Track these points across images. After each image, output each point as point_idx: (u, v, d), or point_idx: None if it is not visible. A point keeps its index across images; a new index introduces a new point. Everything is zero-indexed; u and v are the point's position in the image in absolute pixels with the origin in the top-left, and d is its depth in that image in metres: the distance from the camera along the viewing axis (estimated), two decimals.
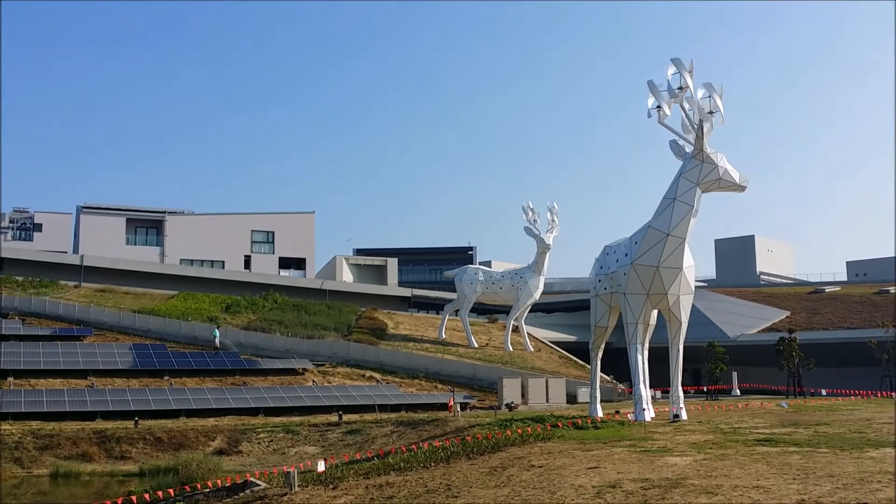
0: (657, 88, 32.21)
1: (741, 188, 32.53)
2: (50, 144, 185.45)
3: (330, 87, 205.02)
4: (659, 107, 32.35)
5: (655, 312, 34.23)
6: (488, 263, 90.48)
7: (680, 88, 31.67)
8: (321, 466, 24.56)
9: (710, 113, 31.84)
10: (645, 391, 32.64)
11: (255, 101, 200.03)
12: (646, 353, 33.79)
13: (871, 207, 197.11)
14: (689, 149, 32.40)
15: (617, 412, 35.30)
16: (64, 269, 69.20)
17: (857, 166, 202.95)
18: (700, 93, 31.76)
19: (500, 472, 20.08)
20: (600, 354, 37.45)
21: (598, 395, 37.22)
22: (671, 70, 31.70)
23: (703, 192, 31.89)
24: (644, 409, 31.45)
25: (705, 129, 31.42)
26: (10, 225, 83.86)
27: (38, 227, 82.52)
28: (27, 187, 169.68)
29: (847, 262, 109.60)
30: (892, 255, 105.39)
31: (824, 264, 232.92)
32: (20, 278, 66.31)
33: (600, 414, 35.07)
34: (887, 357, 52.42)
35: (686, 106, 31.85)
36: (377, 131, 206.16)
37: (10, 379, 45.82)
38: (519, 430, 27.20)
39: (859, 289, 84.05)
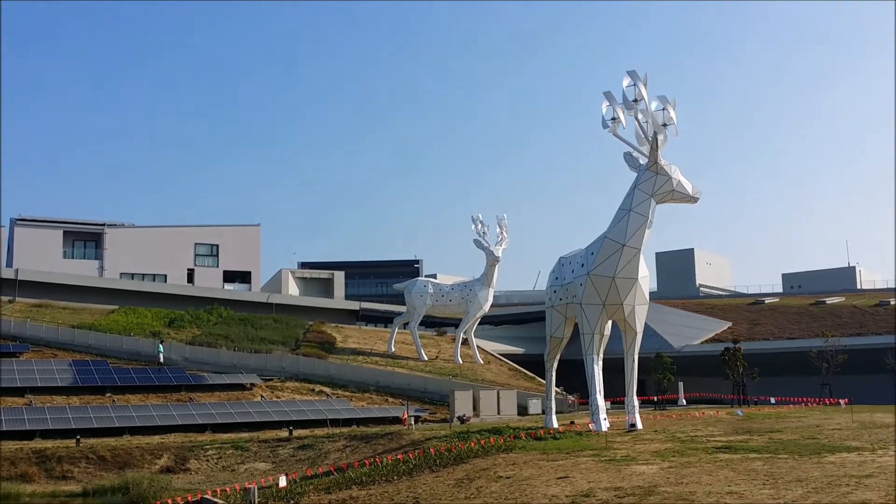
0: (614, 98, 32.60)
1: (694, 199, 33.04)
2: None
3: (275, 97, 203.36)
4: (614, 118, 32.78)
5: (610, 323, 34.47)
6: (434, 276, 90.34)
7: (635, 100, 32.10)
8: (283, 482, 24.01)
9: (664, 125, 32.33)
10: (602, 401, 32.77)
11: (197, 109, 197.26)
12: (601, 363, 33.94)
13: (806, 219, 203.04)
14: (643, 160, 32.81)
15: (572, 423, 35.42)
16: None
17: (792, 178, 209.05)
18: (654, 105, 32.21)
19: (468, 483, 19.87)
20: (555, 365, 37.52)
21: (554, 405, 37.24)
22: (626, 81, 32.10)
23: (657, 203, 32.30)
24: (602, 419, 31.57)
25: (659, 141, 31.84)
26: None
27: None
28: None
29: (783, 275, 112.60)
30: (826, 267, 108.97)
31: (760, 276, 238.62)
32: None
33: (556, 425, 35.11)
34: (827, 366, 53.80)
35: (640, 118, 32.27)
36: (322, 143, 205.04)
37: None
38: (482, 442, 27.02)
39: (797, 300, 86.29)
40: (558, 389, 53.90)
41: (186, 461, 39.10)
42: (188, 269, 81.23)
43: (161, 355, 54.12)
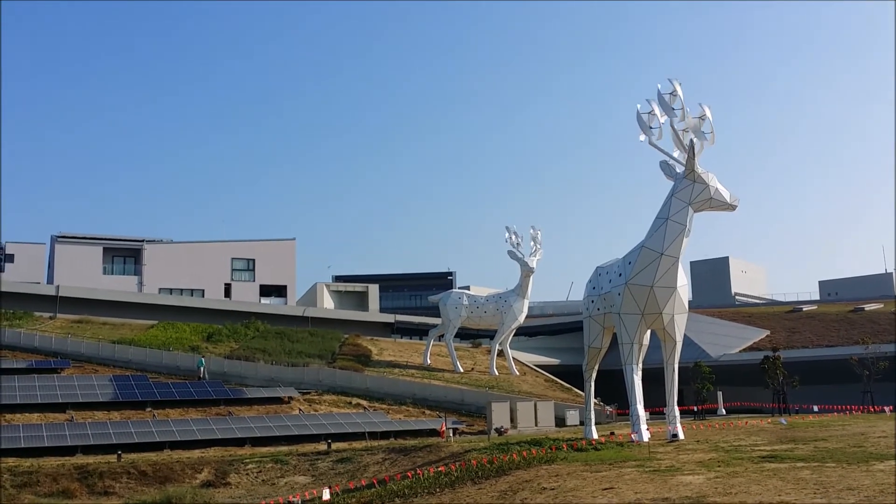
0: (649, 109, 32.50)
1: (732, 207, 32.76)
2: (22, 174, 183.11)
3: (308, 111, 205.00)
4: (650, 127, 32.66)
5: (649, 333, 34.21)
6: (467, 288, 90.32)
7: (671, 109, 31.97)
8: (326, 495, 24.07)
9: (701, 133, 32.14)
10: (643, 411, 32.49)
11: (232, 125, 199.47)
12: (640, 373, 33.67)
13: (842, 226, 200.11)
14: (679, 169, 32.61)
15: (612, 433, 35.14)
16: (38, 300, 67.68)
17: (827, 185, 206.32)
18: (690, 113, 32.05)
19: (512, 495, 19.77)
20: (594, 376, 37.28)
21: (594, 416, 36.98)
22: (661, 90, 31.99)
23: (694, 211, 32.07)
24: (644, 430, 31.30)
25: (696, 149, 31.62)
26: None
27: (10, 258, 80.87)
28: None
29: (819, 282, 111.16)
30: (863, 273, 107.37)
31: (796, 284, 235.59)
32: None
33: (596, 436, 34.82)
34: (868, 373, 52.95)
35: (676, 126, 32.10)
36: (355, 157, 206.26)
37: None
38: (524, 454, 26.87)
39: (835, 307, 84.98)
40: (596, 400, 53.59)
41: (227, 475, 39.27)
42: (225, 284, 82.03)
43: (202, 370, 54.69)
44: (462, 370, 62.44)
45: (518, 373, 63.68)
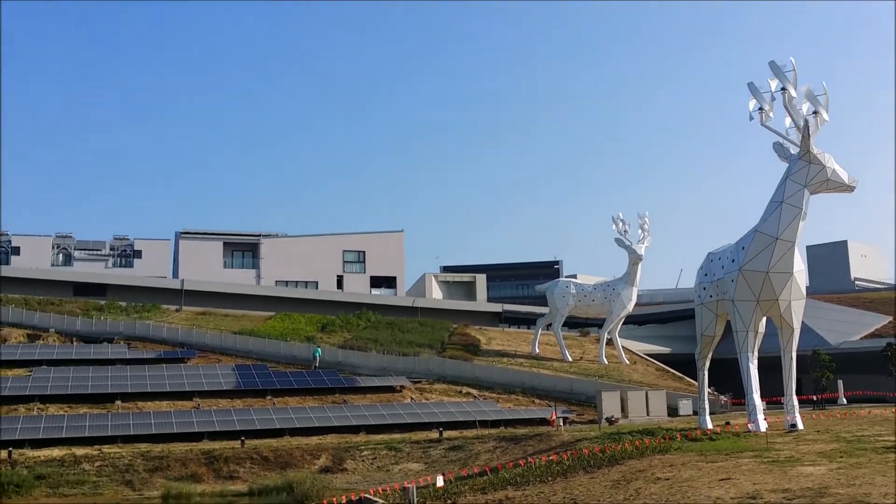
0: (758, 90, 31.67)
1: (850, 188, 31.59)
2: (146, 173, 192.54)
3: (416, 105, 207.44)
4: (761, 108, 31.80)
5: (765, 320, 33.36)
6: (574, 277, 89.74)
7: (783, 89, 31.05)
8: (440, 482, 24.62)
9: (815, 112, 31.09)
10: (759, 401, 31.77)
11: (340, 119, 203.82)
12: (756, 361, 32.88)
13: None
14: (794, 150, 31.64)
15: (727, 423, 34.45)
16: (165, 294, 71.50)
17: None
18: (804, 92, 31.04)
19: (625, 485, 19.78)
20: (707, 364, 36.62)
21: (708, 406, 36.35)
22: (774, 69, 31.10)
23: (811, 193, 31.08)
24: (761, 419, 30.63)
25: (811, 129, 30.61)
26: (112, 252, 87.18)
27: (139, 254, 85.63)
28: (125, 216, 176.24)
29: None
30: None
31: None
32: (123, 304, 68.64)
33: (710, 425, 34.21)
34: None
35: (790, 105, 31.15)
36: (463, 148, 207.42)
37: (118, 402, 47.23)
38: (636, 443, 26.76)
39: None
40: (710, 389, 52.55)
41: (343, 461, 40.55)
42: (337, 276, 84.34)
43: (318, 359, 56.54)
44: (571, 359, 62.26)
45: (628, 361, 63.01)
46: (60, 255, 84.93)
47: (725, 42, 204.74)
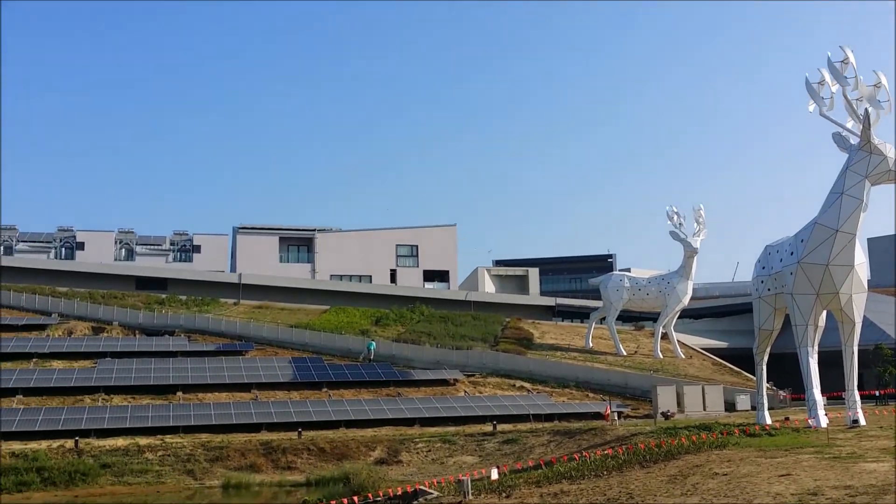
0: (816, 80, 31.09)
1: None
2: (205, 170, 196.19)
3: (469, 99, 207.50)
4: (821, 97, 31.23)
5: (825, 314, 32.78)
6: (628, 270, 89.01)
7: (844, 77, 30.42)
8: (495, 474, 24.75)
9: (877, 101, 30.40)
10: (819, 396, 31.26)
11: (394, 112, 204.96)
12: (816, 356, 32.34)
13: None
14: (854, 140, 31.00)
15: (787, 419, 33.98)
16: (223, 288, 72.95)
17: None
18: (864, 81, 30.36)
19: (682, 480, 19.68)
20: (765, 359, 36.14)
21: (766, 401, 35.87)
22: (832, 57, 30.49)
23: (871, 184, 30.43)
24: (822, 415, 30.15)
25: (872, 119, 29.95)
26: (172, 247, 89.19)
27: (198, 249, 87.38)
28: (184, 212, 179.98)
29: None
30: None
31: None
32: (183, 297, 70.25)
33: (769, 421, 33.75)
34: None
35: (849, 95, 30.51)
36: (515, 143, 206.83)
37: (180, 393, 48.38)
38: (693, 438, 26.56)
39: None
40: (769, 384, 51.77)
41: (398, 453, 40.99)
42: (391, 270, 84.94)
43: (372, 352, 57.15)
44: (625, 353, 61.88)
45: (684, 356, 62.38)
46: (123, 249, 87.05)
47: (791, 35, 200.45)
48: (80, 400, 46.30)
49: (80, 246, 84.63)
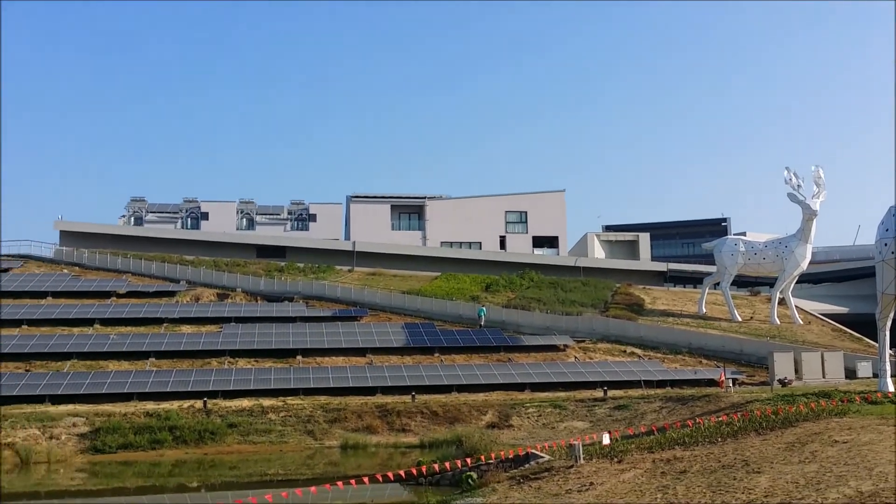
0: None
1: None
2: (321, 141, 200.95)
3: (577, 62, 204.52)
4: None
5: None
6: (743, 234, 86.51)
7: None
8: (606, 439, 25.01)
9: None
10: None
11: (499, 75, 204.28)
12: None
13: None
14: None
15: None
16: (338, 255, 75.13)
17: None
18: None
19: (800, 447, 19.46)
20: (888, 325, 34.86)
21: (889, 368, 34.69)
22: None
23: None
24: None
25: None
26: (290, 216, 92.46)
27: (313, 217, 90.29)
28: (302, 182, 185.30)
29: None
30: None
31: None
32: (301, 265, 72.78)
33: (892, 388, 32.71)
34: None
35: None
36: (625, 106, 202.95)
37: (299, 357, 50.42)
38: (812, 405, 26.09)
39: None
40: (892, 351, 49.80)
41: (509, 418, 41.68)
42: (500, 236, 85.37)
43: (483, 318, 57.93)
44: (740, 319, 60.54)
45: (801, 322, 60.52)
46: (244, 219, 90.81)
47: None
48: (208, 363, 48.94)
49: (205, 216, 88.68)
